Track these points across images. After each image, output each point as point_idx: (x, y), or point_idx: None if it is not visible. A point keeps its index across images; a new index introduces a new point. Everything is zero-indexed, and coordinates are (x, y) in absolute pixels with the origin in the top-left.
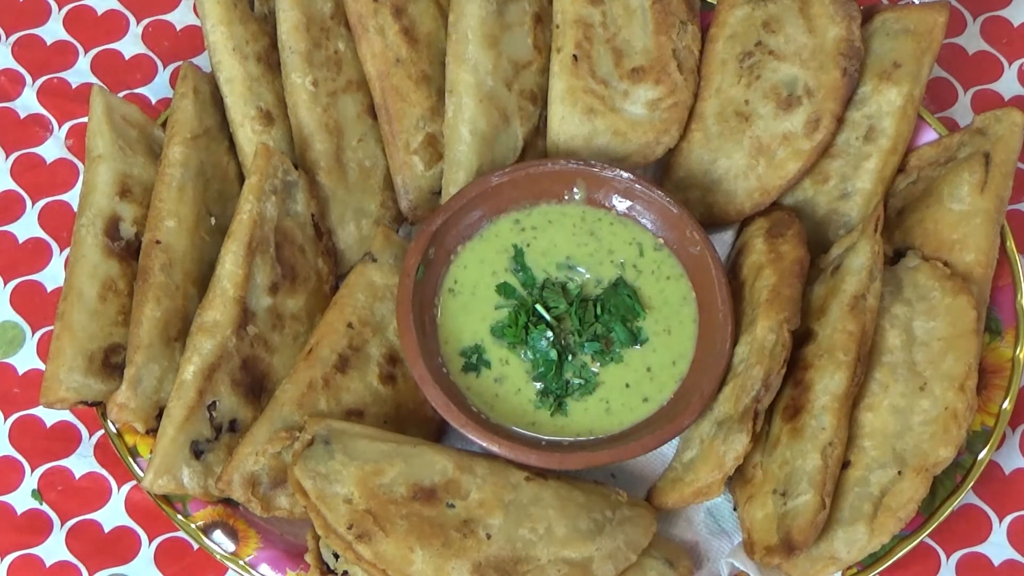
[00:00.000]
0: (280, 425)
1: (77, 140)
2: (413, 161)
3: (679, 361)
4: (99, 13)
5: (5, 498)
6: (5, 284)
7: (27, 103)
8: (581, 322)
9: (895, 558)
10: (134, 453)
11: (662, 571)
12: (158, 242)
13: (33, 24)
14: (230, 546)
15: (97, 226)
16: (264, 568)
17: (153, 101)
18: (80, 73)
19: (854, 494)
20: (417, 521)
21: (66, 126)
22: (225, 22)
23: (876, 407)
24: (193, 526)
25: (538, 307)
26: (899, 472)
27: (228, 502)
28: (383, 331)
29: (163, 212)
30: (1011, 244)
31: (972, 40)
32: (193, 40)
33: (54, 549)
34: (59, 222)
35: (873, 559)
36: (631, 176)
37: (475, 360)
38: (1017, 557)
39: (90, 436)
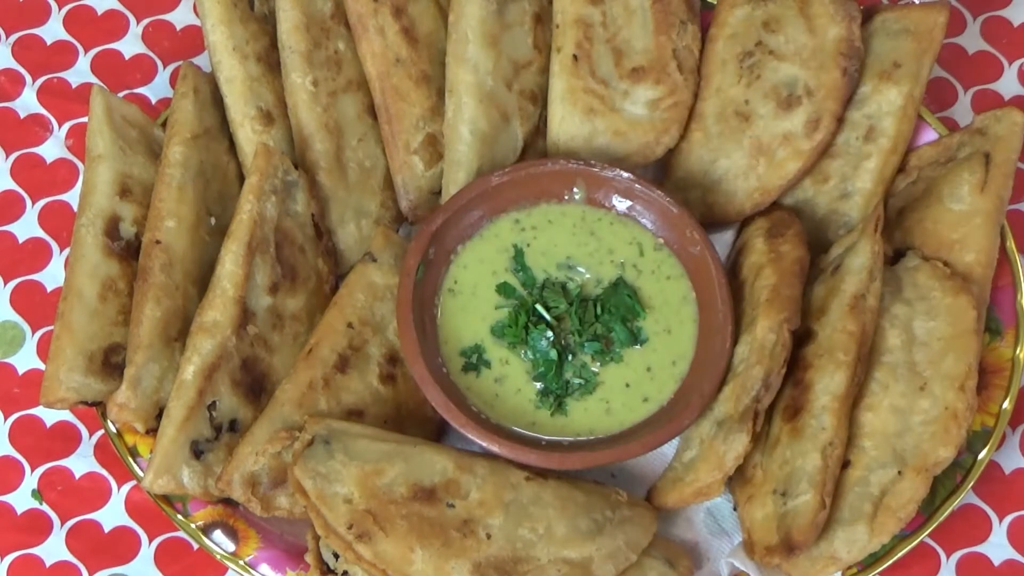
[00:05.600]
0: (280, 425)
1: (77, 140)
2: (413, 161)
3: (679, 361)
4: (99, 13)
5: (5, 498)
6: (5, 284)
7: (27, 103)
8: (581, 322)
9: (895, 558)
10: (134, 453)
11: (662, 571)
12: (158, 242)
13: (33, 24)
14: (230, 546)
15: (97, 226)
16: (264, 568)
17: (153, 101)
18: (80, 73)
19: (854, 494)
20: (417, 521)
21: (66, 126)
22: (225, 22)
23: (876, 407)
24: (193, 526)
25: (538, 307)
26: (899, 472)
27: (228, 502)
28: (383, 331)
29: (163, 212)
30: (1011, 244)
31: (972, 40)
32: (193, 40)
33: (54, 549)
34: (59, 222)
35: (873, 559)
36: (631, 176)
37: (475, 360)
38: (1017, 557)
39: (90, 436)
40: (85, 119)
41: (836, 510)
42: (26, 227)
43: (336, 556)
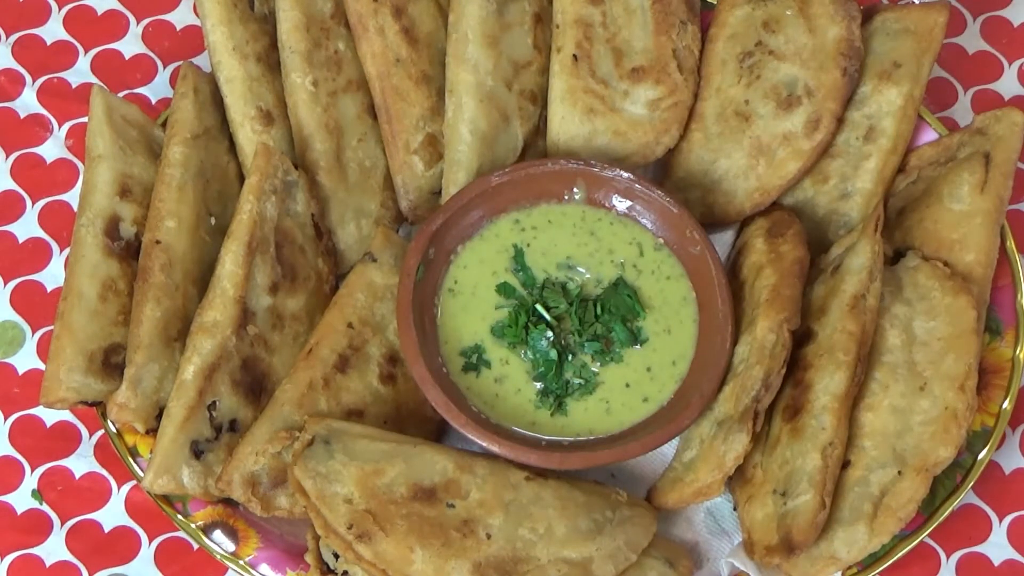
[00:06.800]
0: (280, 425)
1: (77, 140)
2: (413, 161)
3: (679, 361)
4: (99, 13)
5: (5, 498)
6: (5, 284)
7: (27, 103)
8: (581, 322)
9: (895, 558)
10: (134, 453)
11: (662, 571)
12: (158, 242)
13: (33, 24)
14: (230, 546)
15: (97, 226)
16: (264, 568)
17: (153, 101)
18: (80, 73)
19: (854, 494)
20: (417, 521)
21: (66, 126)
22: (225, 22)
23: (876, 407)
24: (193, 526)
25: (538, 307)
26: (899, 472)
27: (228, 502)
28: (383, 331)
29: (163, 212)
30: (1011, 244)
31: (972, 40)
32: (193, 40)
33: (54, 549)
34: (59, 222)
35: (873, 559)
36: (631, 176)
37: (475, 360)
38: (1017, 557)
39: (90, 436)
40: (85, 119)
41: (836, 510)
42: (26, 227)
43: (336, 556)
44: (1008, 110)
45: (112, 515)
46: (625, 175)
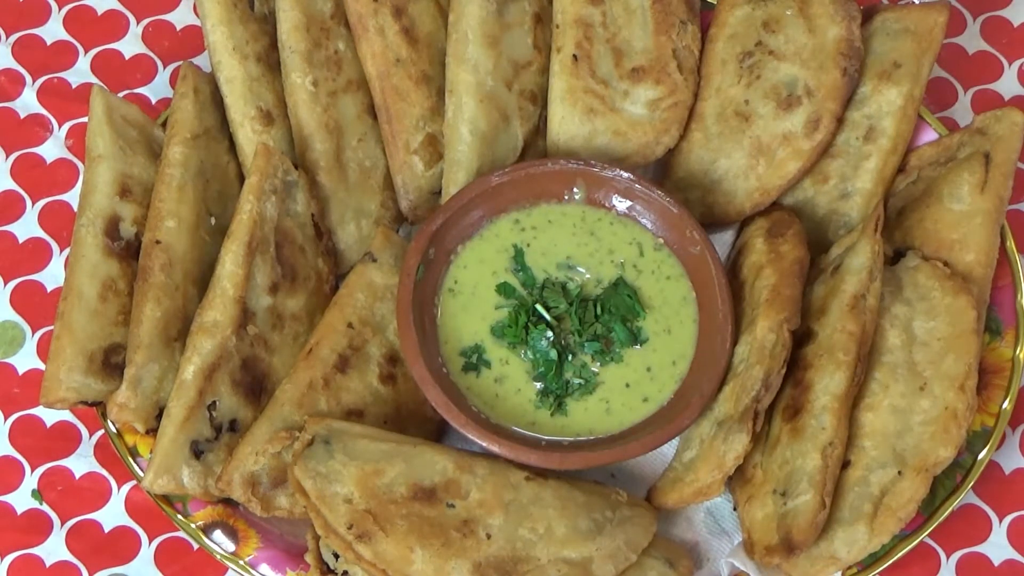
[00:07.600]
0: (280, 425)
1: (77, 140)
2: (413, 161)
3: (679, 361)
4: (99, 13)
5: (5, 498)
6: (5, 284)
7: (27, 103)
8: (581, 322)
9: (895, 558)
10: (134, 453)
11: (662, 571)
12: (158, 242)
13: (33, 24)
14: (230, 546)
15: (97, 226)
16: (264, 568)
17: (153, 101)
18: (80, 73)
19: (854, 494)
20: (417, 521)
21: (66, 126)
22: (225, 22)
23: (876, 407)
24: (193, 526)
25: (538, 307)
26: (899, 472)
27: (228, 502)
28: (383, 331)
29: (163, 212)
30: (1011, 244)
31: (972, 40)
32: (193, 40)
33: (54, 549)
34: (59, 222)
35: (873, 559)
36: (631, 176)
37: (475, 360)
38: (1017, 557)
39: (90, 436)
40: (85, 119)
41: (836, 510)
42: (26, 227)
43: (336, 556)
44: (1008, 110)
45: (112, 515)
46: (625, 175)
